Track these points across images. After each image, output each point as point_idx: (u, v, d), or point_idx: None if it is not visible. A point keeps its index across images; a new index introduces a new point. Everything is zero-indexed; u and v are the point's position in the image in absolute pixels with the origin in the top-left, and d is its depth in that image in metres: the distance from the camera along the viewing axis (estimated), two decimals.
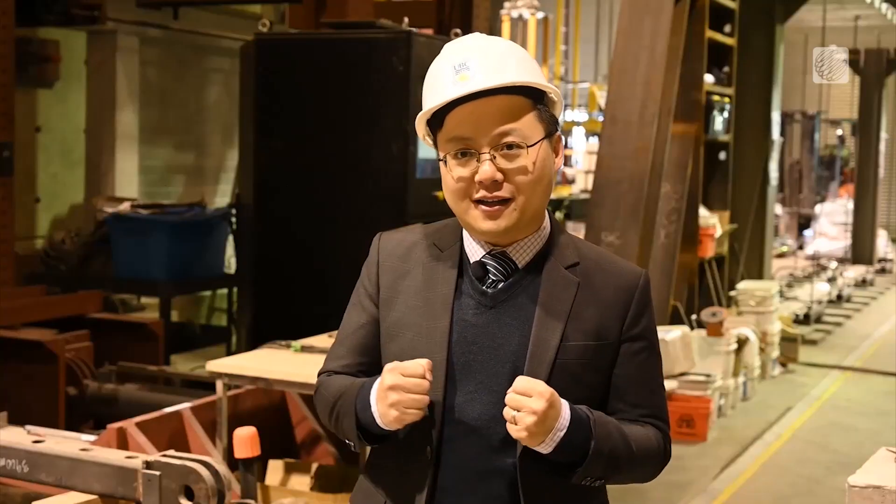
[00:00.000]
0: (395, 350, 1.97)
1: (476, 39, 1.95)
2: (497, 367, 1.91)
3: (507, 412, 1.82)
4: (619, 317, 1.96)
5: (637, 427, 1.96)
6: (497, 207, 1.89)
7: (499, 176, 1.88)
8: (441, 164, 1.94)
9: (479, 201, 1.90)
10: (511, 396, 1.82)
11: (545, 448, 1.83)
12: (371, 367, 2.02)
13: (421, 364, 1.84)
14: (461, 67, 1.88)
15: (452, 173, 1.91)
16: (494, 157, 1.88)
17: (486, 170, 1.87)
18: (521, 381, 1.82)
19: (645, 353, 1.99)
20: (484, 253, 1.96)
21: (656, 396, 2.02)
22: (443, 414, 1.92)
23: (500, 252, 1.95)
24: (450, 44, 1.97)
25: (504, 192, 1.89)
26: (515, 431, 1.81)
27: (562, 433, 1.83)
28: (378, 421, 1.88)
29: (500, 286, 1.94)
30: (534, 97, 1.92)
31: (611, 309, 1.96)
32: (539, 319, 1.91)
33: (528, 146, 1.89)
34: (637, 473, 1.99)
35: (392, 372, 1.85)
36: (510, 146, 1.88)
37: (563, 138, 2.02)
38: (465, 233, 1.99)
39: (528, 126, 1.90)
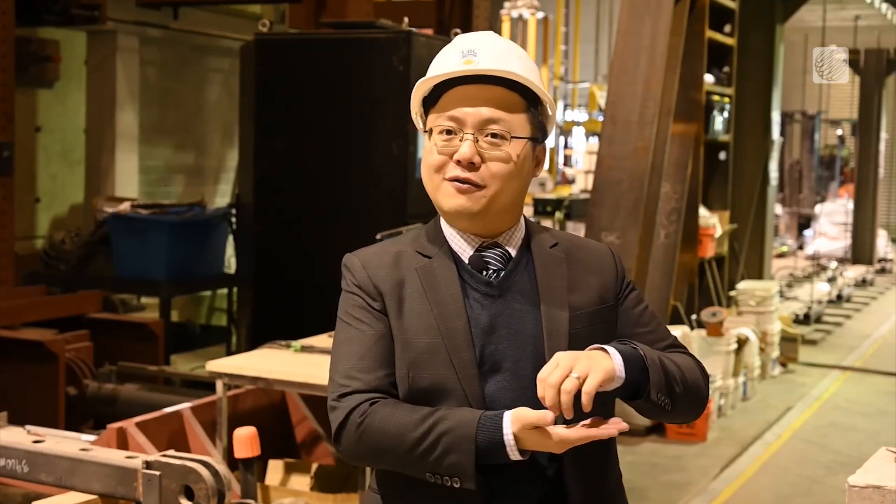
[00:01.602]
0: (412, 356, 1.94)
1: (488, 34, 2.01)
2: (520, 352, 1.95)
3: (566, 390, 1.77)
4: (612, 280, 2.06)
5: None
6: (467, 186, 1.94)
7: (476, 159, 1.93)
8: (425, 135, 2.00)
9: (451, 178, 1.94)
10: (550, 382, 1.78)
11: (620, 372, 1.83)
12: (394, 378, 1.97)
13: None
14: (468, 53, 1.95)
15: (435, 146, 1.96)
16: (477, 140, 1.93)
17: (464, 150, 1.92)
18: (541, 386, 1.80)
19: (641, 301, 2.10)
20: (476, 247, 2.00)
21: (667, 330, 2.10)
22: (484, 409, 1.91)
23: (492, 242, 2.00)
24: (463, 34, 2.04)
25: (477, 178, 1.93)
26: (589, 386, 1.77)
27: (616, 351, 1.85)
28: (512, 451, 1.84)
29: (502, 274, 1.98)
30: (529, 100, 1.97)
31: (603, 276, 2.06)
32: (544, 297, 1.98)
33: (511, 137, 1.94)
34: (692, 388, 1.98)
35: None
36: (495, 135, 1.94)
37: (546, 150, 2.07)
38: (448, 234, 2.02)
39: (517, 122, 1.95)
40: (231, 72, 10.19)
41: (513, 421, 1.83)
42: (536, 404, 1.88)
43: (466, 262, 1.99)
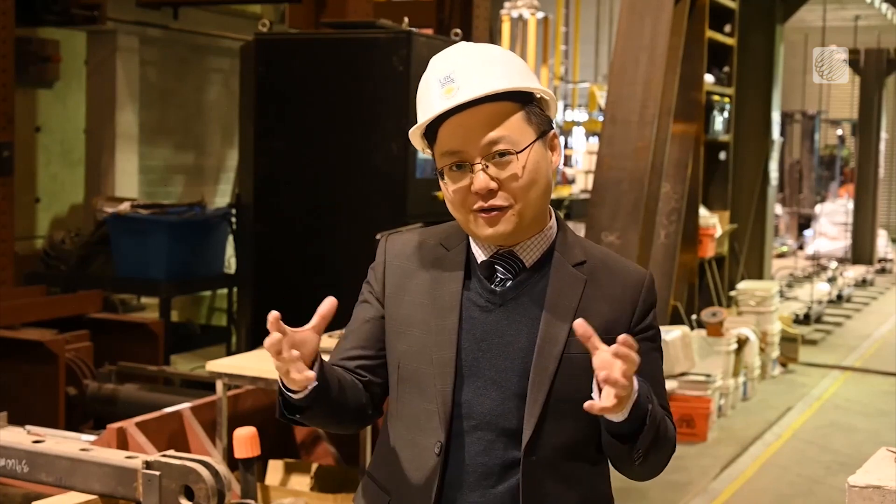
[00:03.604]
0: (403, 347, 1.99)
1: (460, 50, 1.96)
2: (506, 364, 1.93)
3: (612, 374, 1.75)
4: (628, 312, 1.98)
5: None
6: (495, 213, 1.91)
7: (493, 185, 1.89)
8: (439, 176, 1.96)
9: (478, 210, 1.92)
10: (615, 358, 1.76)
11: (623, 414, 1.81)
12: (374, 360, 2.03)
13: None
14: (446, 80, 1.90)
15: (449, 187, 1.93)
16: (487, 167, 1.90)
17: (480, 180, 1.89)
18: (623, 349, 1.75)
19: (651, 348, 2.01)
20: (491, 252, 1.98)
21: (663, 390, 2.04)
22: (452, 410, 1.93)
23: (508, 251, 1.97)
24: (435, 57, 1.98)
25: (500, 201, 1.90)
26: (611, 395, 1.76)
27: (635, 395, 1.82)
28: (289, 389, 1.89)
29: (508, 284, 1.96)
30: (523, 100, 1.93)
31: (619, 305, 1.97)
32: (547, 316, 1.94)
33: (517, 152, 1.90)
34: (660, 457, 1.96)
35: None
36: (501, 154, 1.90)
37: (558, 135, 2.03)
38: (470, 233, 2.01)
39: (517, 131, 1.91)
40: (231, 72, 10.18)
41: None
42: (518, 415, 1.91)
43: (479, 264, 1.99)
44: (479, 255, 1.99)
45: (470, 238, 2.01)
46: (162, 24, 9.55)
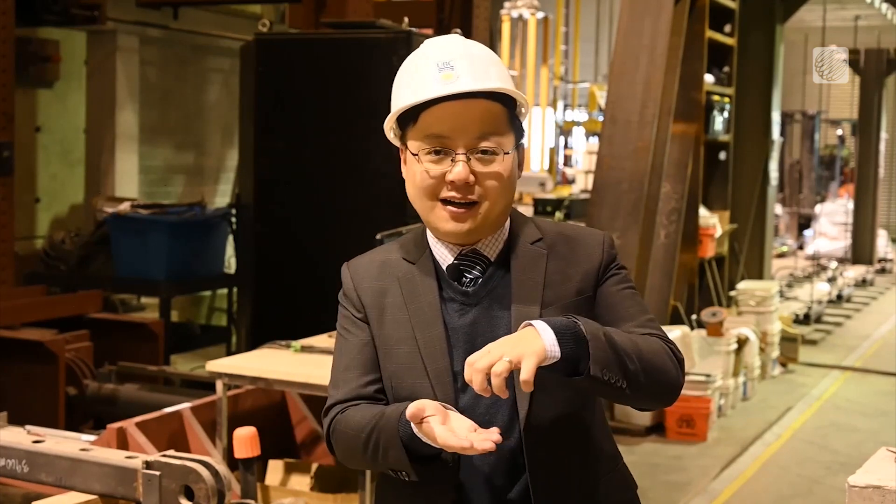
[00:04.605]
0: (393, 366, 1.98)
1: (457, 40, 1.98)
2: None
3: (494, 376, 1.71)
4: (594, 270, 1.99)
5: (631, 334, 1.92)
6: (463, 210, 1.91)
7: (471, 178, 1.90)
8: (413, 158, 1.95)
9: (446, 201, 1.92)
10: (478, 370, 1.73)
11: (553, 350, 1.73)
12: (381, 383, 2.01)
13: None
14: (445, 66, 1.90)
15: (425, 170, 1.92)
16: (469, 160, 1.90)
17: (459, 170, 1.89)
18: (468, 370, 1.74)
19: (622, 285, 2.01)
20: (455, 255, 1.98)
21: (645, 315, 1.99)
22: None
23: (471, 250, 1.98)
24: (430, 41, 1.99)
25: (473, 195, 1.91)
26: (526, 374, 1.70)
27: (547, 326, 1.75)
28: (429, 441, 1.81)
29: (478, 283, 1.97)
30: (508, 105, 1.95)
31: (583, 267, 1.99)
32: (517, 297, 1.94)
33: (504, 153, 1.92)
34: (652, 369, 1.86)
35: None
36: (486, 151, 1.91)
37: (524, 147, 2.04)
38: (430, 240, 2.01)
39: (505, 133, 1.93)
40: (231, 72, 10.18)
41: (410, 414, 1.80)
42: (511, 408, 1.91)
43: (445, 269, 1.99)
44: (445, 261, 1.99)
45: (431, 246, 2.00)
46: (162, 24, 9.55)
